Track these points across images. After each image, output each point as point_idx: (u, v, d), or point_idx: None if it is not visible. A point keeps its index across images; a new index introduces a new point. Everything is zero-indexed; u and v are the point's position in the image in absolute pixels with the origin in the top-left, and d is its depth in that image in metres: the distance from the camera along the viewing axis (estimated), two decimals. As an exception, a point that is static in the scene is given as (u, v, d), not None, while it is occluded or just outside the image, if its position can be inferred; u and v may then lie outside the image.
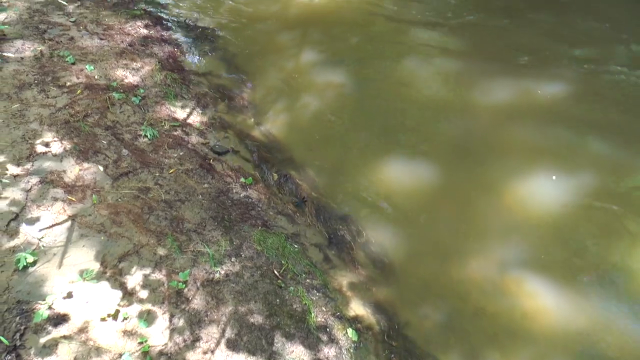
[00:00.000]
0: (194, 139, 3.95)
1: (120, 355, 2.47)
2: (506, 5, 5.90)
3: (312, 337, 2.89)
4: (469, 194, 3.88)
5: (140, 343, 2.54)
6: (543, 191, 3.86)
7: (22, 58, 4.31)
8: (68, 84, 4.12)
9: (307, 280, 3.21)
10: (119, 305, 2.68)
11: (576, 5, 6.00)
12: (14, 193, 3.10)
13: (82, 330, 2.53)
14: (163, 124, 3.96)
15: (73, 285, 2.70)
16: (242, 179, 3.75)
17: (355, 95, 4.71)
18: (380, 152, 4.18)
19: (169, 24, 5.78)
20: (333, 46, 5.38)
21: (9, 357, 2.35)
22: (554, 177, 3.96)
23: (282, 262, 3.24)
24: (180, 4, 6.30)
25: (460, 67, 5.03)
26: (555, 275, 3.38)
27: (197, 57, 5.18)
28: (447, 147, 4.24)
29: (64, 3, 5.45)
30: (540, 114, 4.51)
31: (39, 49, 4.47)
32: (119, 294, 2.73)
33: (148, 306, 2.71)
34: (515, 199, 3.83)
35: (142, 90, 4.25)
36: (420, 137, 4.32)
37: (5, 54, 4.29)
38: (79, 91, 4.03)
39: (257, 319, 2.85)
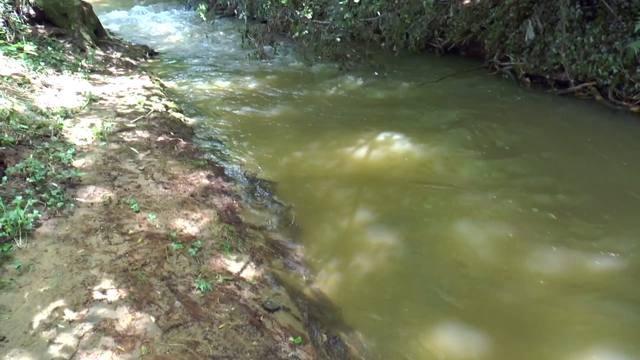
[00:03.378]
0: (246, 294, 3.98)
1: None
2: (553, 183, 5.94)
3: None
4: (524, 369, 3.71)
5: None
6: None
7: (92, 204, 4.56)
8: (130, 231, 4.29)
9: None
10: None
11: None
12: (67, 339, 3.13)
13: None
14: (217, 277, 4.02)
15: None
16: (292, 338, 3.70)
17: (407, 258, 4.72)
18: (431, 318, 4.10)
19: (230, 176, 6.07)
20: (386, 206, 5.50)
21: None
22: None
23: None
24: (242, 157, 6.66)
25: (512, 233, 5.02)
26: None
27: (255, 211, 5.36)
28: (500, 317, 4.12)
29: (135, 151, 5.84)
30: (596, 288, 4.37)
31: (108, 195, 4.73)
32: None
33: None
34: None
35: (199, 242, 4.38)
36: (473, 305, 4.23)
37: (78, 199, 4.55)
38: (139, 240, 4.19)
39: None
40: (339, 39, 10.08)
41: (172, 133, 6.83)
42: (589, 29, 8.10)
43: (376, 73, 9.91)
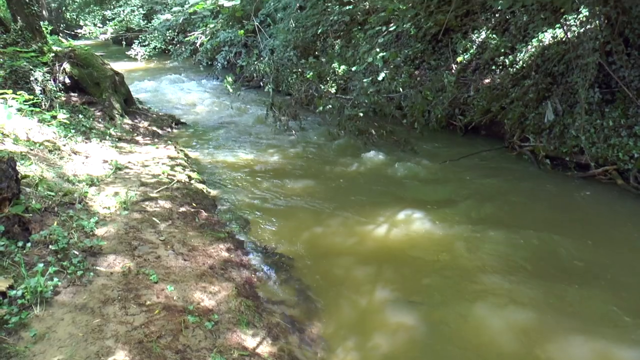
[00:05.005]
0: (261, 370, 3.91)
1: None
2: (576, 269, 5.84)
3: None
4: None
5: None
6: None
7: (111, 273, 4.58)
8: (148, 302, 4.29)
9: None
10: None
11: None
12: (78, 413, 3.09)
13: None
14: (232, 352, 3.97)
15: None
16: (305, 421, 3.61)
17: (427, 341, 4.61)
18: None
19: (249, 249, 6.08)
20: (406, 286, 5.43)
21: None
22: None
23: None
24: (262, 231, 6.69)
25: (534, 319, 4.89)
26: None
27: (273, 286, 5.34)
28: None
29: (157, 221, 5.90)
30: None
31: (127, 265, 4.76)
32: None
33: None
34: None
35: (216, 316, 4.35)
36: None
37: (98, 268, 4.58)
38: (156, 311, 4.17)
39: None
40: (361, 114, 10.26)
41: (194, 204, 6.90)
42: (608, 112, 8.15)
43: (402, 151, 9.99)
